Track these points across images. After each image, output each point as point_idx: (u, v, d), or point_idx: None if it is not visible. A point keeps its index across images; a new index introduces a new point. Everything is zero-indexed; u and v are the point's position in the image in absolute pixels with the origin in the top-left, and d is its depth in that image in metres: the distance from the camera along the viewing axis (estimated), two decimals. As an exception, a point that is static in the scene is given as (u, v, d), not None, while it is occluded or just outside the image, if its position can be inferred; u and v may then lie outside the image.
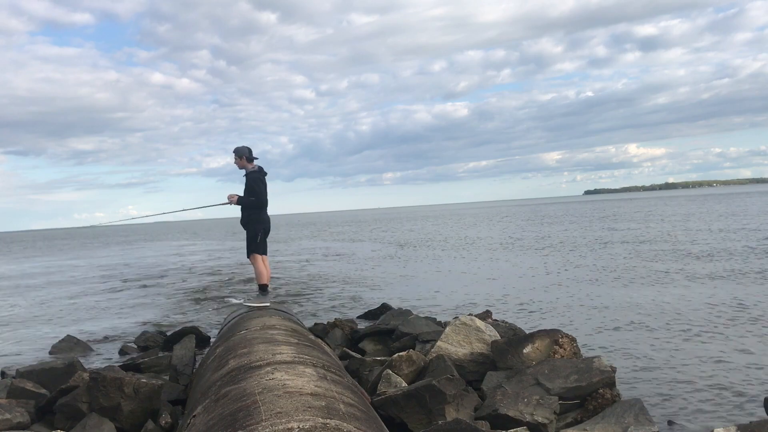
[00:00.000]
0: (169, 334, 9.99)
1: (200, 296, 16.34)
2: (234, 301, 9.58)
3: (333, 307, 13.25)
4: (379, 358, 7.17)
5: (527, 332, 7.05)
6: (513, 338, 6.69)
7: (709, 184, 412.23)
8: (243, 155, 8.54)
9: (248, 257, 8.68)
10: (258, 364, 4.31)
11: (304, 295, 15.37)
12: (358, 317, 11.37)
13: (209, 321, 12.13)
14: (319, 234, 55.66)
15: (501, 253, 23.84)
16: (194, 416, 3.86)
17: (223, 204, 8.65)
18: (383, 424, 3.93)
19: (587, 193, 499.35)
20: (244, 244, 8.80)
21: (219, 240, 53.19)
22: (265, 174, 8.62)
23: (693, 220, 36.32)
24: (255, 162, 8.66)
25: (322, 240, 44.53)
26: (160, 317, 13.17)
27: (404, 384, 5.94)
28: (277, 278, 18.70)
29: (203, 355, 7.14)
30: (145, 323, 12.38)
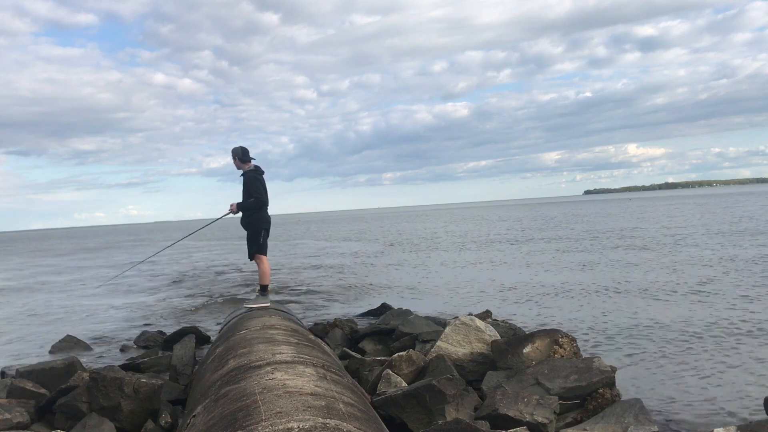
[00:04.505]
0: (169, 334, 9.99)
1: (200, 296, 16.34)
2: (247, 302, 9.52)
3: (333, 307, 13.25)
4: (379, 358, 7.17)
5: (527, 332, 7.05)
6: (513, 338, 6.69)
7: (709, 183, 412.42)
8: (237, 155, 8.52)
9: (251, 258, 8.66)
10: (258, 363, 4.31)
11: (303, 294, 15.37)
12: (358, 317, 11.37)
13: (209, 321, 12.13)
14: (319, 234, 55.65)
15: (500, 252, 23.84)
16: (194, 416, 3.86)
17: (226, 215, 8.64)
18: (383, 424, 3.93)
19: (587, 192, 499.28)
20: (239, 243, 8.79)
21: (217, 240, 53.20)
22: (262, 173, 8.59)
23: (697, 220, 36.34)
24: (252, 162, 8.63)
25: (321, 240, 44.53)
26: (161, 317, 13.17)
27: (404, 384, 5.94)
28: (277, 278, 18.70)
29: (203, 355, 7.14)
30: (145, 323, 12.38)
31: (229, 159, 8.64)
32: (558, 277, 15.64)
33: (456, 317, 7.35)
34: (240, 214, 8.61)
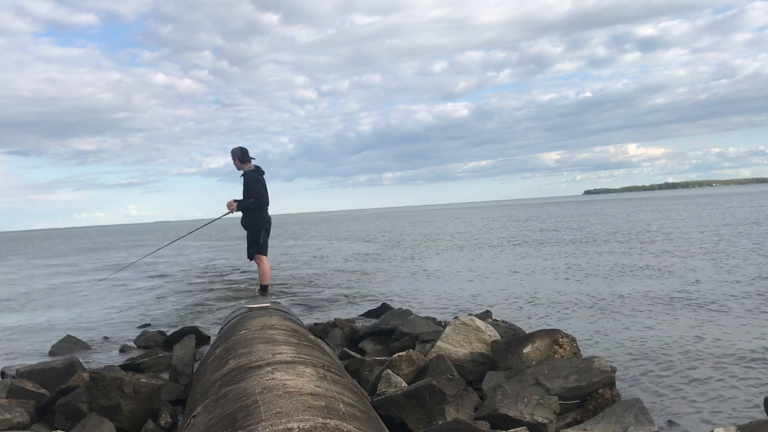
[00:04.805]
0: (169, 334, 10.00)
1: (200, 296, 16.34)
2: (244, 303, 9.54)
3: (333, 307, 13.25)
4: (379, 358, 7.17)
5: (527, 332, 7.05)
6: (513, 338, 6.69)
7: (709, 183, 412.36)
8: (236, 156, 8.53)
9: (250, 258, 8.66)
10: (258, 364, 4.31)
11: (303, 295, 15.37)
12: (358, 317, 11.37)
13: (209, 321, 12.13)
14: (318, 234, 55.66)
15: (501, 253, 23.84)
16: (194, 416, 3.86)
17: (225, 215, 8.65)
18: (383, 424, 3.93)
19: (587, 192, 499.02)
20: (239, 243, 8.79)
21: (217, 240, 53.22)
22: (263, 173, 8.60)
23: (703, 221, 36.33)
24: (252, 162, 8.63)
25: (321, 239, 44.54)
26: (161, 317, 13.17)
27: (404, 384, 5.94)
28: (277, 278, 18.70)
29: (203, 355, 7.14)
30: (145, 323, 12.38)
31: (230, 159, 8.64)
32: (558, 278, 15.64)
33: (456, 317, 7.35)
34: (240, 214, 8.61)
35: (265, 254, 8.67)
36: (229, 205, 8.43)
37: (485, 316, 8.71)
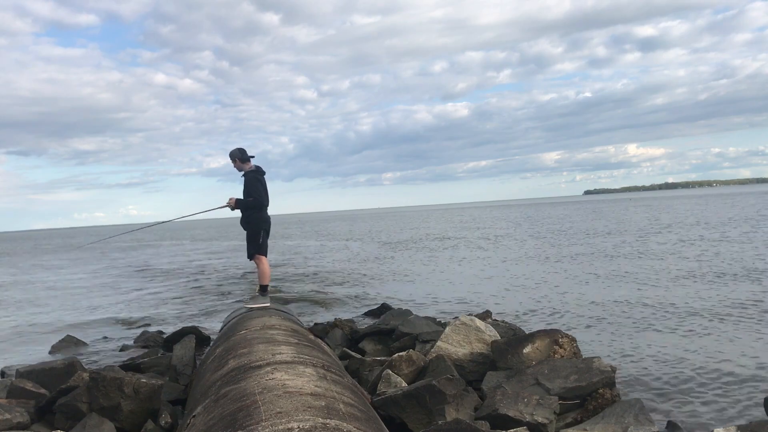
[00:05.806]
0: (169, 334, 9.99)
1: (200, 296, 16.34)
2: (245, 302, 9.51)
3: (333, 306, 13.25)
4: (379, 358, 7.17)
5: (527, 332, 7.05)
6: (513, 338, 6.69)
7: (709, 183, 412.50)
8: (236, 157, 8.52)
9: (250, 258, 8.66)
10: (258, 364, 4.31)
11: (303, 294, 15.36)
12: (358, 317, 11.37)
13: (209, 321, 12.13)
14: (318, 234, 55.65)
15: (501, 253, 23.84)
16: (194, 416, 3.86)
17: (221, 207, 8.62)
18: (383, 424, 3.93)
19: (587, 193, 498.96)
20: (242, 244, 8.76)
21: (217, 240, 53.23)
22: (263, 173, 8.59)
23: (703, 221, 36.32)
24: (252, 161, 8.63)
25: (321, 240, 44.54)
26: (160, 317, 13.17)
27: (404, 384, 5.94)
28: (277, 278, 18.69)
29: (203, 356, 7.14)
30: (145, 323, 12.37)
31: (230, 160, 8.62)
32: (558, 278, 15.64)
33: (456, 317, 7.35)
34: (239, 212, 8.60)
35: (265, 254, 8.66)
36: (228, 202, 8.43)
37: (485, 316, 8.71)
